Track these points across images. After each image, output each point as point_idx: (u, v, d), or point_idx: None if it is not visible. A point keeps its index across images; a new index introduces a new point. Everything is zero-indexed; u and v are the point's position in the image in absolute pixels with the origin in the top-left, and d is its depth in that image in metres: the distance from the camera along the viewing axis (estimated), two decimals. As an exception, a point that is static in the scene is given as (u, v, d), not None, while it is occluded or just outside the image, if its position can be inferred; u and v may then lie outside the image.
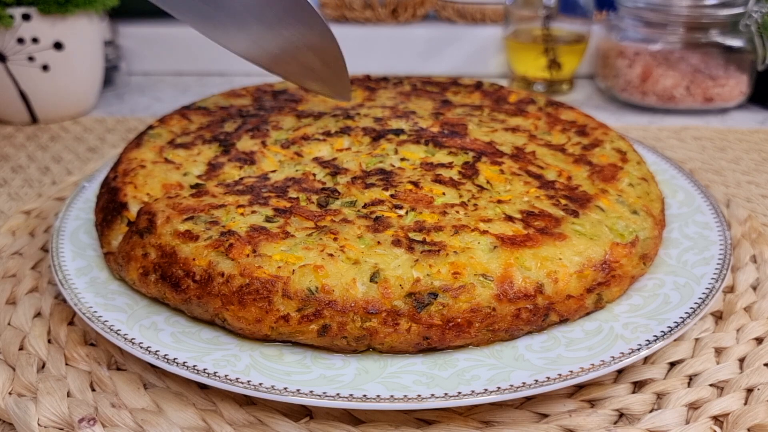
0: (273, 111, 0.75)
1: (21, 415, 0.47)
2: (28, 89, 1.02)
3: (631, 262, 0.53)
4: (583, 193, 0.59)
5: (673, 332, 0.48)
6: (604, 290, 0.51)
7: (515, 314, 0.47)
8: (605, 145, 0.68)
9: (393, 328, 0.46)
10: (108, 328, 0.50)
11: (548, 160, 0.64)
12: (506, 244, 0.50)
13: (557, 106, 0.77)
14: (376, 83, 0.85)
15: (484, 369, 0.46)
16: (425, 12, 1.30)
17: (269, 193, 0.57)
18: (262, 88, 0.84)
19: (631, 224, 0.55)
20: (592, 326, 0.50)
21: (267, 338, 0.48)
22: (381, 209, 0.54)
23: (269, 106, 0.77)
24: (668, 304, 0.52)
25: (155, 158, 0.66)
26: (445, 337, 0.46)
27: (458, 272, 0.47)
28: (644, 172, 0.65)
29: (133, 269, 0.53)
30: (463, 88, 0.83)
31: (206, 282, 0.48)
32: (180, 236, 0.52)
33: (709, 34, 1.04)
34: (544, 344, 0.48)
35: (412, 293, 0.47)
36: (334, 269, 0.48)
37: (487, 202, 0.56)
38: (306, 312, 0.46)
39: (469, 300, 0.47)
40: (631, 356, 0.46)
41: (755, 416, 0.46)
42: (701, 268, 0.56)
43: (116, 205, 0.60)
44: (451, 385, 0.44)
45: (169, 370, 0.46)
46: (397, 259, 0.48)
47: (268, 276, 0.47)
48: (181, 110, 0.77)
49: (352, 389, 0.44)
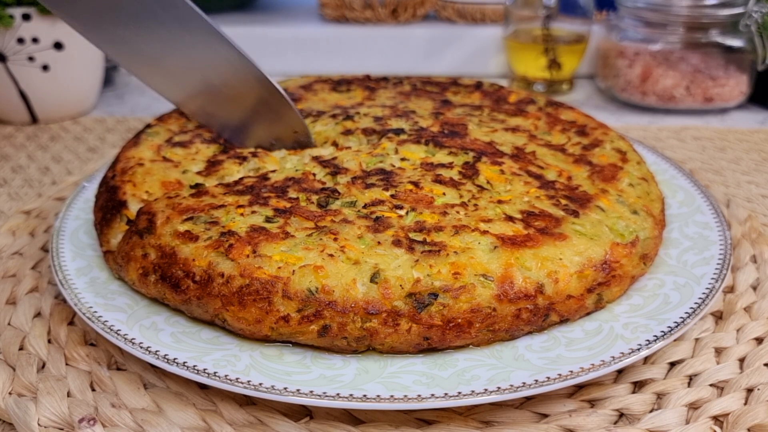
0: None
1: (21, 415, 0.47)
2: (28, 89, 1.02)
3: (632, 262, 0.53)
4: (584, 193, 0.58)
5: (673, 332, 0.48)
6: (605, 290, 0.51)
7: (516, 314, 0.47)
8: (605, 145, 0.68)
9: (393, 328, 0.46)
10: (108, 328, 0.50)
11: (548, 160, 0.64)
12: (506, 245, 0.50)
13: (557, 106, 0.77)
14: (376, 83, 0.85)
15: (484, 369, 0.46)
16: (425, 12, 1.30)
17: (269, 194, 0.57)
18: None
19: (631, 224, 0.55)
20: (592, 326, 0.50)
21: (267, 339, 0.48)
22: (381, 209, 0.54)
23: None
24: (668, 304, 0.52)
25: (153, 157, 0.66)
26: (446, 337, 0.46)
27: (459, 272, 0.47)
28: (644, 172, 0.65)
29: (132, 270, 0.53)
30: (463, 88, 0.83)
31: (206, 283, 0.48)
32: (180, 236, 0.51)
33: (709, 34, 1.04)
34: (544, 344, 0.48)
35: (412, 293, 0.47)
36: (335, 270, 0.47)
37: (488, 202, 0.56)
38: (306, 312, 0.46)
39: (470, 300, 0.47)
40: (631, 356, 0.46)
41: (755, 416, 0.46)
42: (701, 268, 0.56)
43: (115, 204, 0.60)
44: (451, 385, 0.44)
45: (169, 370, 0.46)
46: (398, 259, 0.48)
47: (268, 276, 0.47)
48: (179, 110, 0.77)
49: (352, 389, 0.44)
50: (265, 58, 1.29)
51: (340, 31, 1.27)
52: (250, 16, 1.39)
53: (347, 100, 0.80)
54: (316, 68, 1.23)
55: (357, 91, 0.82)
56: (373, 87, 0.84)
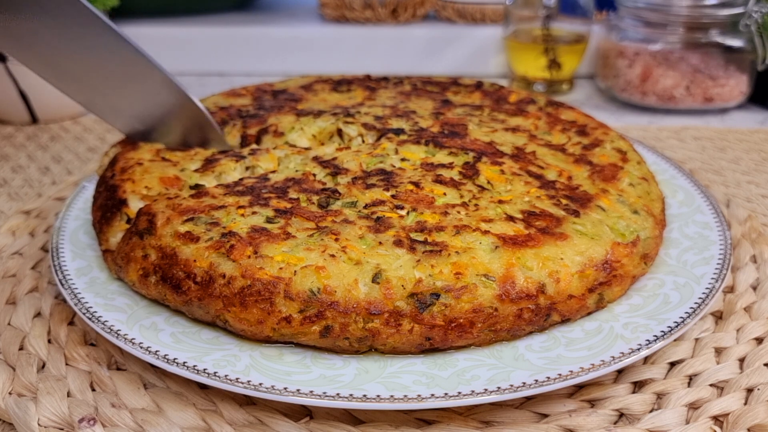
0: (272, 111, 0.75)
1: (21, 415, 0.47)
2: (28, 89, 1.02)
3: (633, 262, 0.53)
4: (584, 193, 0.59)
5: (673, 332, 0.48)
6: (606, 290, 0.51)
7: (517, 314, 0.47)
8: (605, 144, 0.68)
9: (395, 328, 0.46)
10: (108, 328, 0.50)
11: (548, 160, 0.64)
12: (508, 244, 0.50)
13: (557, 106, 0.77)
14: (376, 83, 0.85)
15: (484, 369, 0.46)
16: (425, 12, 1.30)
17: (269, 194, 0.57)
18: (262, 87, 0.84)
19: (632, 224, 0.56)
20: (592, 326, 0.50)
21: (269, 339, 0.48)
22: (382, 210, 0.54)
23: (269, 105, 0.77)
24: (668, 304, 0.52)
25: (152, 158, 0.66)
26: (448, 337, 0.46)
27: (460, 272, 0.47)
28: (644, 171, 0.65)
29: (132, 270, 0.53)
30: (464, 88, 0.83)
31: (207, 283, 0.48)
32: (180, 237, 0.51)
33: (709, 34, 1.04)
34: (543, 344, 0.48)
35: (414, 294, 0.47)
36: (336, 270, 0.47)
37: (488, 202, 0.56)
38: (308, 313, 0.46)
39: (471, 300, 0.47)
40: (631, 356, 0.46)
41: (755, 416, 0.46)
42: (701, 268, 0.56)
43: (115, 202, 0.59)
44: (451, 385, 0.44)
45: (169, 370, 0.46)
46: (399, 259, 0.48)
47: (270, 277, 0.47)
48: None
49: (352, 389, 0.44)
50: (265, 58, 1.29)
51: (340, 31, 1.27)
52: (250, 16, 1.39)
53: (348, 100, 0.80)
54: (316, 68, 1.23)
55: (357, 91, 0.82)
56: (374, 87, 0.84)
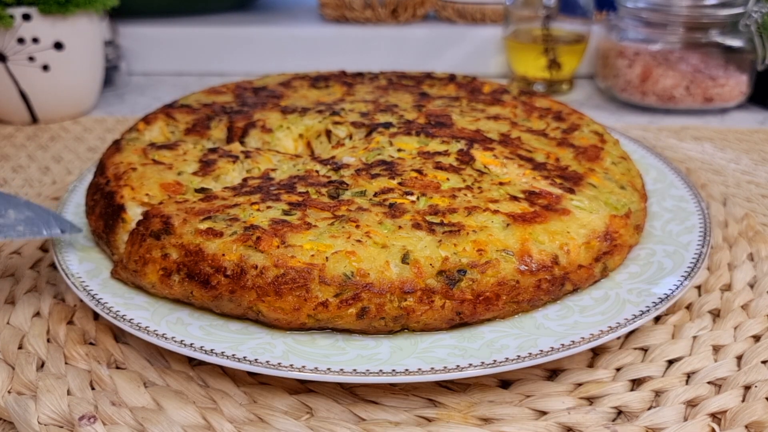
0: (256, 107, 0.76)
1: (21, 413, 0.47)
2: (29, 89, 1.02)
3: (628, 232, 0.57)
4: (574, 173, 0.62)
5: (674, 294, 0.52)
6: (609, 259, 0.55)
7: (536, 285, 0.51)
8: (583, 128, 0.72)
9: (429, 305, 0.48)
10: (136, 325, 0.50)
11: (534, 144, 0.68)
12: (518, 222, 0.53)
13: (530, 94, 0.81)
14: (352, 78, 0.87)
15: (511, 338, 0.49)
16: (425, 12, 1.30)
17: (278, 190, 0.58)
18: (242, 84, 0.84)
19: (622, 198, 0.60)
20: (599, 294, 0.54)
21: (303, 326, 0.49)
22: (393, 196, 0.56)
23: (252, 102, 0.78)
24: (663, 270, 0.56)
25: (142, 160, 0.65)
26: (477, 310, 0.49)
27: (482, 249, 0.50)
28: (621, 152, 0.69)
29: (151, 272, 0.53)
30: (438, 80, 0.86)
31: (239, 276, 0.49)
32: (203, 234, 0.52)
33: (709, 34, 1.03)
34: (559, 313, 0.52)
35: (442, 271, 0.49)
36: (366, 254, 0.49)
37: (490, 184, 0.59)
38: (344, 296, 0.48)
39: (496, 274, 0.50)
40: (642, 317, 0.50)
41: (753, 413, 0.47)
42: (686, 236, 0.60)
43: (115, 209, 0.59)
44: (484, 355, 0.47)
45: (209, 361, 0.47)
46: (422, 240, 0.51)
47: (303, 264, 0.49)
48: (164, 109, 0.77)
49: (393, 365, 0.46)
50: (265, 58, 1.29)
51: (340, 31, 1.28)
52: (250, 16, 1.38)
53: (327, 96, 0.81)
54: (316, 68, 1.22)
55: (335, 87, 0.84)
56: (351, 83, 0.86)
